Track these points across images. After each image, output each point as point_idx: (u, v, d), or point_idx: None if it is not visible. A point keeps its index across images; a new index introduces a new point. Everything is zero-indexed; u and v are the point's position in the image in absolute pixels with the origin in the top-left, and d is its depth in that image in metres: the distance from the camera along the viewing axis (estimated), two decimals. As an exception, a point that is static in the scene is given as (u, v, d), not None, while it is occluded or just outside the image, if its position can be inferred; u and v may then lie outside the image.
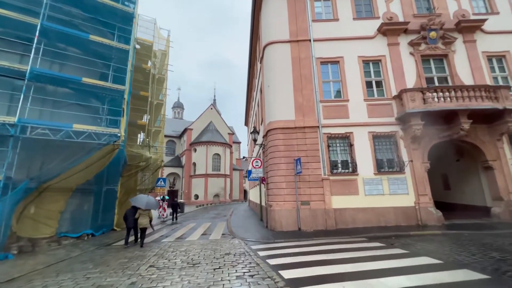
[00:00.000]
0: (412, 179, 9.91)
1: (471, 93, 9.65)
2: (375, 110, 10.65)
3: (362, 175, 9.97)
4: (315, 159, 10.06)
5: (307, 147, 10.20)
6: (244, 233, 9.65)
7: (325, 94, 11.00)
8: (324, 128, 10.42)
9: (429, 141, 10.27)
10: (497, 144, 10.20)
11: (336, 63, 11.32)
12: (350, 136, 10.36)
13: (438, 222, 9.29)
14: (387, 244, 6.83)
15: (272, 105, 11.01)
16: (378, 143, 10.39)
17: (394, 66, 11.08)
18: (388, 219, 9.54)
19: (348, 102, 10.75)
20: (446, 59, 11.30)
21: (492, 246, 6.07)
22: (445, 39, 11.20)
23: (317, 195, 9.75)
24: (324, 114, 10.62)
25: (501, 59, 11.34)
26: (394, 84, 10.89)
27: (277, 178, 10.03)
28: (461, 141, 10.43)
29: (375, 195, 9.79)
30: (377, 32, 11.47)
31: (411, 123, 9.74)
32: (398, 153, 10.17)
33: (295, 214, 9.53)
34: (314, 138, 10.29)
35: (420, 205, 9.56)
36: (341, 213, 9.59)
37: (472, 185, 11.55)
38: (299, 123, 10.44)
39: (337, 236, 8.03)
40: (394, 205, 9.68)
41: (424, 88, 10.00)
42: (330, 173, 9.99)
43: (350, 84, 10.94)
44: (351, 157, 10.18)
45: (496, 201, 10.01)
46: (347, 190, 9.86)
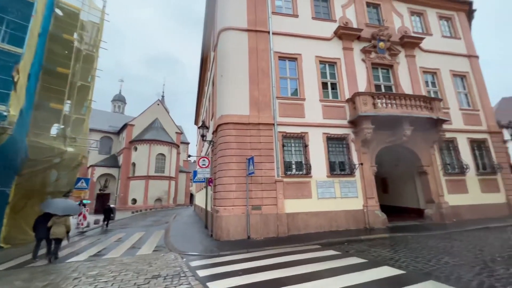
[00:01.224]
0: (362, 182, 9.94)
1: (413, 102, 10.28)
2: (330, 112, 10.47)
3: (316, 178, 9.54)
4: (269, 159, 9.20)
5: (261, 146, 9.28)
6: (184, 244, 8.06)
7: (282, 90, 10.35)
8: (279, 126, 9.69)
9: (376, 145, 10.54)
10: (430, 151, 11.13)
11: (294, 60, 10.84)
12: (305, 137, 9.88)
13: (383, 225, 9.44)
14: (342, 251, 6.28)
15: (225, 97, 9.79)
16: (331, 145, 10.18)
17: (348, 70, 11.18)
18: (340, 223, 9.27)
19: (305, 101, 10.31)
20: (392, 69, 12.01)
21: (439, 249, 6.05)
22: (391, 51, 11.89)
23: (269, 198, 8.86)
24: (280, 111, 9.92)
25: (433, 75, 12.64)
26: (348, 87, 10.95)
27: (226, 179, 8.79)
28: (402, 146, 11.04)
29: (327, 198, 9.45)
30: (334, 35, 11.48)
31: (363, 126, 9.80)
32: (350, 156, 10.13)
33: (244, 220, 8.41)
34: (269, 136, 9.46)
35: (368, 208, 9.59)
36: (294, 218, 8.90)
37: (408, 188, 12.43)
38: (254, 119, 9.47)
39: (289, 244, 7.21)
40: (345, 209, 9.49)
41: (374, 93, 10.26)
42: (284, 175, 9.25)
43: (307, 83, 10.55)
44: (305, 158, 9.67)
45: (428, 203, 10.84)
46: (300, 193, 9.26)
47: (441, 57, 12.89)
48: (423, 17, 13.48)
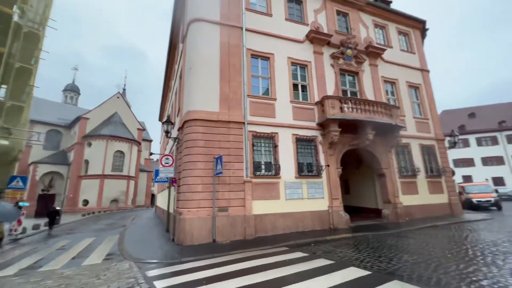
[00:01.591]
0: (327, 183, 10.19)
1: (375, 108, 10.89)
2: (300, 113, 10.55)
3: (284, 178, 9.49)
4: (238, 159, 8.87)
5: (230, 145, 8.90)
6: (141, 251, 7.29)
7: (253, 89, 10.11)
8: (250, 126, 9.44)
9: (342, 148, 10.93)
10: (388, 155, 11.94)
11: (267, 59, 10.70)
12: (275, 137, 9.78)
13: (346, 225, 9.77)
14: (309, 253, 6.24)
15: (193, 91, 9.20)
16: (300, 146, 10.25)
17: (318, 74, 11.44)
18: (306, 224, 9.34)
19: (276, 102, 10.23)
20: (357, 76, 12.64)
21: (397, 248, 6.37)
22: (357, 59, 12.51)
23: (237, 199, 8.53)
24: (251, 110, 9.67)
25: (392, 85, 13.64)
26: (317, 90, 11.19)
27: (192, 179, 8.22)
28: (364, 150, 11.65)
29: (295, 199, 9.46)
30: (306, 38, 11.64)
31: (330, 129, 10.06)
32: (317, 157, 10.32)
33: (210, 223, 7.95)
34: (239, 135, 9.13)
35: (333, 209, 9.85)
36: (262, 219, 8.70)
37: (368, 190, 13.18)
38: (224, 116, 9.06)
39: (257, 247, 6.96)
40: (312, 210, 9.61)
41: (342, 97, 10.62)
42: (253, 175, 9.01)
43: (278, 83, 10.49)
44: (275, 158, 9.57)
45: (386, 203, 11.59)
46: (269, 194, 9.11)
47: (399, 68, 13.99)
48: (385, 30, 14.50)
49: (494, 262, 4.78)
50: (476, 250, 5.79)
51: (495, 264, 4.66)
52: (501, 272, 4.24)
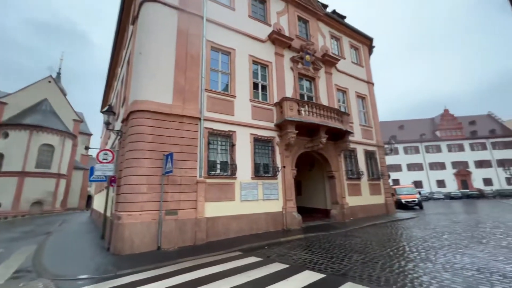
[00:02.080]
0: (282, 184, 10.22)
1: (329, 114, 11.44)
2: (259, 113, 10.37)
3: (240, 179, 9.14)
4: (191, 157, 8.16)
5: (183, 141, 8.14)
6: (65, 264, 6.01)
7: (212, 83, 9.52)
8: (206, 122, 8.82)
9: (297, 150, 11.14)
10: (338, 158, 12.69)
11: (228, 54, 10.24)
12: (233, 136, 9.37)
13: (298, 226, 9.93)
14: (264, 257, 5.99)
15: (143, 79, 8.14)
16: (257, 146, 10.06)
17: (278, 75, 11.48)
18: (260, 226, 9.15)
19: (235, 99, 9.83)
20: (314, 82, 13.15)
21: (346, 247, 6.62)
22: (315, 65, 13.03)
23: (188, 201, 7.81)
24: (208, 105, 9.06)
25: (343, 93, 14.64)
26: (277, 92, 11.20)
27: (136, 178, 7.19)
28: (317, 153, 12.14)
29: (250, 200, 9.19)
30: (268, 38, 11.58)
31: (288, 131, 10.14)
32: (274, 158, 10.27)
33: (155, 228, 7.06)
34: (194, 131, 8.43)
35: (287, 210, 9.91)
36: (214, 222, 8.16)
37: (318, 191, 13.79)
38: (178, 109, 8.24)
39: (208, 253, 6.41)
40: (266, 211, 9.48)
41: (299, 100, 10.84)
42: (207, 175, 8.40)
43: (239, 80, 10.13)
44: (231, 158, 9.14)
45: (334, 204, 12.26)
46: (223, 195, 8.63)
47: (350, 79, 15.13)
48: (339, 42, 15.52)
49: (428, 258, 5.27)
50: (411, 247, 6.38)
51: (429, 260, 5.13)
52: (435, 267, 4.66)
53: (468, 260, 4.96)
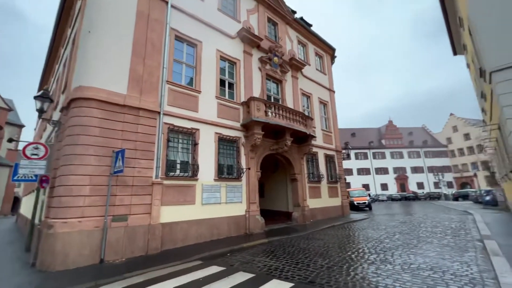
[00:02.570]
0: (247, 187, 9.87)
1: (295, 117, 11.53)
2: (225, 111, 9.87)
3: (202, 181, 8.49)
4: (146, 155, 7.24)
5: (138, 137, 7.17)
6: (-36, 289, 4.61)
7: (175, 75, 8.71)
8: (166, 117, 7.98)
9: (263, 152, 10.94)
10: (301, 161, 12.90)
11: (194, 46, 9.52)
12: (196, 133, 8.68)
13: (261, 229, 9.68)
14: (226, 266, 5.52)
15: (91, 61, 6.96)
16: (222, 146, 9.53)
17: (246, 74, 11.15)
18: (221, 231, 8.61)
19: (200, 94, 9.16)
20: (281, 85, 13.18)
21: (310, 251, 6.54)
22: (282, 68, 13.07)
23: (141, 205, 6.88)
24: (169, 99, 8.23)
25: (307, 98, 15.03)
26: (244, 91, 10.85)
27: (76, 178, 6.02)
28: (282, 155, 12.14)
29: (212, 204, 8.60)
30: (237, 35, 11.18)
31: (254, 131, 9.85)
32: (239, 159, 9.87)
33: (98, 237, 6.00)
34: (151, 126, 7.52)
35: (250, 213, 9.57)
36: (171, 228, 7.37)
37: (281, 194, 13.82)
38: (133, 101, 7.25)
39: (163, 264, 5.66)
40: (229, 215, 9.00)
41: (267, 101, 10.65)
42: (164, 176, 7.57)
43: (205, 75, 9.49)
44: (193, 158, 8.44)
45: (296, 207, 12.38)
46: (182, 198, 7.88)
47: (314, 85, 15.64)
48: (305, 48, 15.96)
49: (387, 259, 5.46)
50: (370, 248, 6.61)
51: (388, 261, 5.30)
52: (395, 268, 4.81)
53: (421, 260, 5.26)
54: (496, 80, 6.11)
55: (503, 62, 5.99)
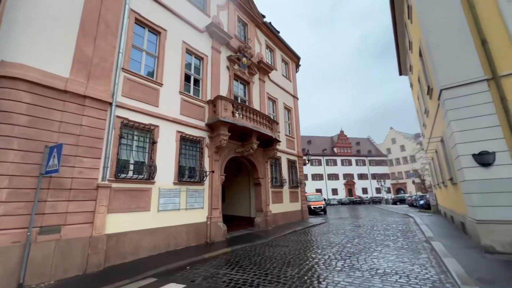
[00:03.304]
0: (209, 191, 9.18)
1: (262, 120, 11.31)
2: (189, 109, 9.08)
3: (160, 184, 7.54)
4: (92, 153, 6.06)
5: (81, 131, 5.96)
6: None
7: (132, 63, 7.63)
8: (120, 110, 6.88)
9: (228, 154, 10.39)
10: (265, 165, 12.71)
11: (157, 33, 8.56)
12: (155, 131, 7.70)
13: (223, 237, 9.06)
14: (187, 283, 4.82)
15: (21, 31, 5.55)
16: (184, 146, 8.70)
17: (214, 71, 10.53)
18: (179, 241, 7.74)
19: (162, 88, 8.22)
20: (248, 86, 12.87)
21: (277, 260, 6.24)
22: (250, 69, 12.80)
23: (81, 213, 5.68)
24: (125, 89, 7.14)
25: (273, 102, 15.05)
26: (211, 89, 10.21)
27: (-14, 179, 4.61)
28: (246, 159, 11.77)
29: (170, 210, 7.68)
30: (206, 30, 10.52)
31: (220, 132, 9.26)
32: (202, 161, 9.13)
33: (18, 255, 4.67)
34: (100, 119, 6.36)
35: (211, 220, 8.88)
36: (119, 240, 6.27)
37: (243, 198, 13.39)
38: (78, 87, 6.02)
39: (105, 286, 4.66)
40: (188, 222, 8.17)
41: (235, 101, 10.18)
42: (114, 178, 6.44)
43: (168, 67, 8.58)
44: (150, 158, 7.44)
45: (258, 212, 12.07)
46: (135, 204, 6.82)
47: (280, 90, 15.79)
48: (273, 53, 16.07)
49: (354, 265, 5.47)
50: (335, 254, 6.62)
51: (355, 267, 5.31)
52: (364, 275, 4.80)
53: (385, 264, 5.41)
54: (445, 96, 6.82)
55: (452, 81, 6.73)
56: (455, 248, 6.25)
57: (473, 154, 6.23)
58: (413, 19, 9.71)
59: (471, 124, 6.37)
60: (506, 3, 6.43)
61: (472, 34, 6.72)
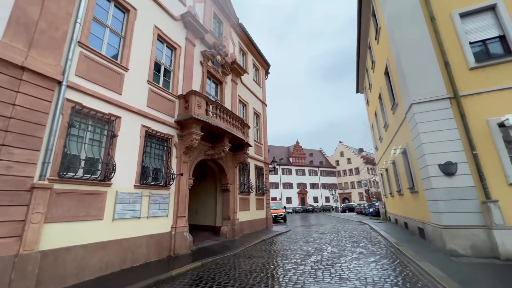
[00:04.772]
0: (175, 197, 8.08)
1: (234, 122, 10.72)
2: (157, 101, 7.95)
3: (117, 187, 6.23)
4: (26, 143, 4.60)
5: (13, 112, 4.48)
6: None
7: (92, 39, 6.29)
8: (72, 92, 5.50)
9: (197, 156, 9.44)
10: (235, 170, 12.03)
11: (125, 11, 7.35)
12: (115, 122, 6.41)
13: (188, 249, 7.99)
14: (158, 309, 3.83)
15: None
16: (149, 144, 7.50)
17: (186, 65, 9.59)
18: (138, 255, 6.46)
19: (127, 73, 6.99)
20: (221, 86, 12.18)
21: (258, 273, 5.62)
22: (224, 69, 12.17)
23: (4, 224, 4.16)
24: (80, 68, 5.78)
25: (244, 106, 14.61)
26: (182, 83, 9.23)
27: None
28: (215, 162, 10.93)
29: (128, 219, 6.39)
30: (180, 18, 9.59)
31: (192, 130, 8.33)
32: (169, 162, 8.01)
33: None
34: (42, 100, 4.92)
35: (176, 230, 7.77)
36: (59, 258, 4.82)
37: (208, 206, 12.36)
38: (12, 54, 4.56)
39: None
40: (150, 233, 6.94)
41: (209, 99, 9.36)
42: (57, 177, 5.01)
43: (135, 51, 7.40)
44: (107, 154, 6.10)
45: (225, 220, 11.22)
46: (84, 211, 5.42)
47: (250, 94, 15.47)
48: (245, 57, 15.76)
49: (341, 275, 5.22)
50: (316, 263, 6.30)
51: (344, 277, 5.06)
52: (357, 285, 4.54)
53: (370, 273, 5.31)
54: (415, 110, 7.39)
55: (421, 97, 7.34)
56: (422, 252, 6.59)
57: (439, 164, 6.79)
58: (381, 39, 10.57)
59: (437, 136, 6.97)
60: (463, 33, 7.38)
61: (437, 56, 7.50)
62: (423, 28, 7.86)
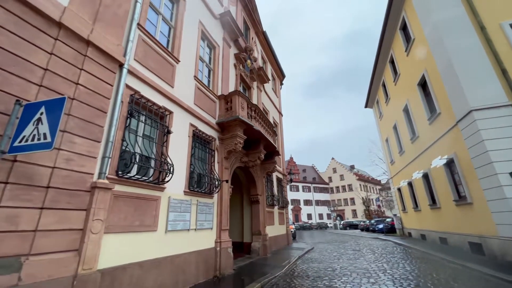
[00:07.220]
0: (218, 207, 7.14)
1: (268, 128, 10.09)
2: (202, 99, 7.23)
3: (170, 192, 5.30)
4: (89, 132, 3.72)
5: (76, 93, 3.64)
6: None
7: (148, 25, 5.62)
8: (131, 78, 4.72)
9: (234, 163, 8.62)
10: (263, 180, 11.20)
11: (175, 1, 6.79)
12: (168, 117, 5.60)
13: (231, 268, 6.96)
14: None
15: None
16: (196, 145, 6.67)
17: (224, 65, 9.03)
18: (188, 276, 5.41)
19: (178, 65, 6.30)
20: (249, 92, 11.65)
21: (344, 295, 4.76)
22: (252, 74, 11.72)
23: (61, 233, 3.17)
24: (138, 52, 5.04)
25: (266, 114, 14.04)
26: (221, 82, 8.61)
27: None
28: (246, 171, 10.12)
29: (179, 230, 5.41)
30: (219, 17, 9.16)
31: (237, 133, 7.58)
32: (212, 167, 7.15)
33: None
34: (105, 83, 4.11)
35: (221, 245, 6.76)
36: (115, 280, 3.78)
37: (232, 220, 11.24)
38: (78, 24, 3.81)
39: None
40: (198, 248, 5.93)
41: (250, 101, 8.71)
42: (116, 176, 4.08)
43: (185, 43, 6.76)
44: (161, 153, 5.22)
45: (255, 235, 10.18)
46: (139, 220, 4.44)
47: (270, 103, 15.04)
48: (266, 65, 15.49)
49: None
50: (367, 278, 5.53)
51: None
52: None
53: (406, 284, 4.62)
54: (476, 117, 7.15)
55: (481, 103, 7.15)
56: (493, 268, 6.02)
57: (510, 173, 6.44)
58: (415, 51, 10.62)
59: (505, 144, 6.70)
60: (518, 42, 7.41)
61: (492, 63, 7.44)
62: (473, 36, 7.87)
